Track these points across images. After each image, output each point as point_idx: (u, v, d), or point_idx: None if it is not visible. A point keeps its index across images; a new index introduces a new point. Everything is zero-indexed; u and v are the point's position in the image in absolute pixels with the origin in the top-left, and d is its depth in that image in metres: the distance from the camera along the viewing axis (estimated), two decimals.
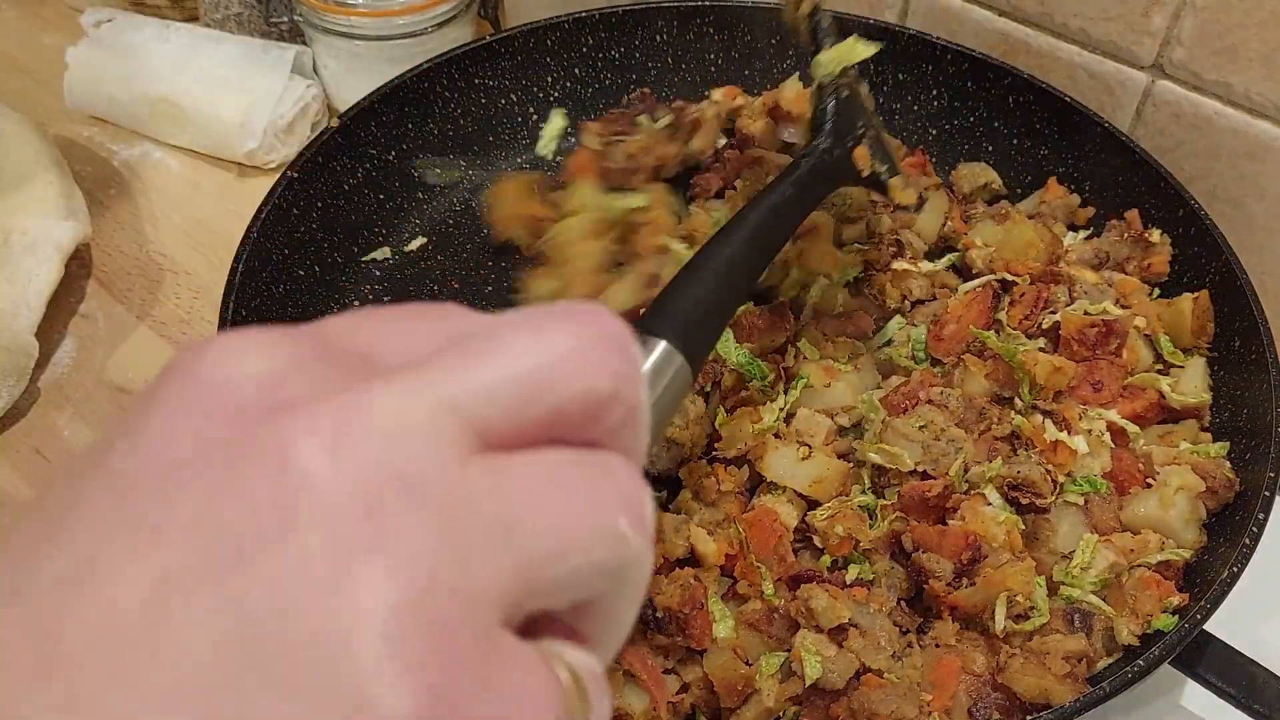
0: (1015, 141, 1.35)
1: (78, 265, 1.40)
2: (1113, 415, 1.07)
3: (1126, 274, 1.21)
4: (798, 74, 1.38)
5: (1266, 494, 0.94)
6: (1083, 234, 1.28)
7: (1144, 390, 1.09)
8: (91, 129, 1.60)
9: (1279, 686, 0.88)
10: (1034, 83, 1.31)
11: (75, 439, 1.22)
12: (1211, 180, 1.28)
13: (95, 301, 1.37)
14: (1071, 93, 1.30)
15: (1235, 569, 0.89)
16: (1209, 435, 1.07)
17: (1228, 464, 1.03)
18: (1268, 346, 1.04)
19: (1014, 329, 1.15)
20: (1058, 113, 1.30)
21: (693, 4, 1.40)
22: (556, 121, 1.41)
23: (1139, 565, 0.95)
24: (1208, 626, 0.87)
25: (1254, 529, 0.91)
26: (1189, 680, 0.91)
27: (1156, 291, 1.20)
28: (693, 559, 0.95)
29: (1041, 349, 1.14)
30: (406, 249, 1.29)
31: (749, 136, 1.37)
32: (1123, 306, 1.15)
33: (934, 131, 1.40)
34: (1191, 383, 1.09)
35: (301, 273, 1.16)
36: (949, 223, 1.27)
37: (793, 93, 1.34)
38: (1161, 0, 1.22)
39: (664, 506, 1.01)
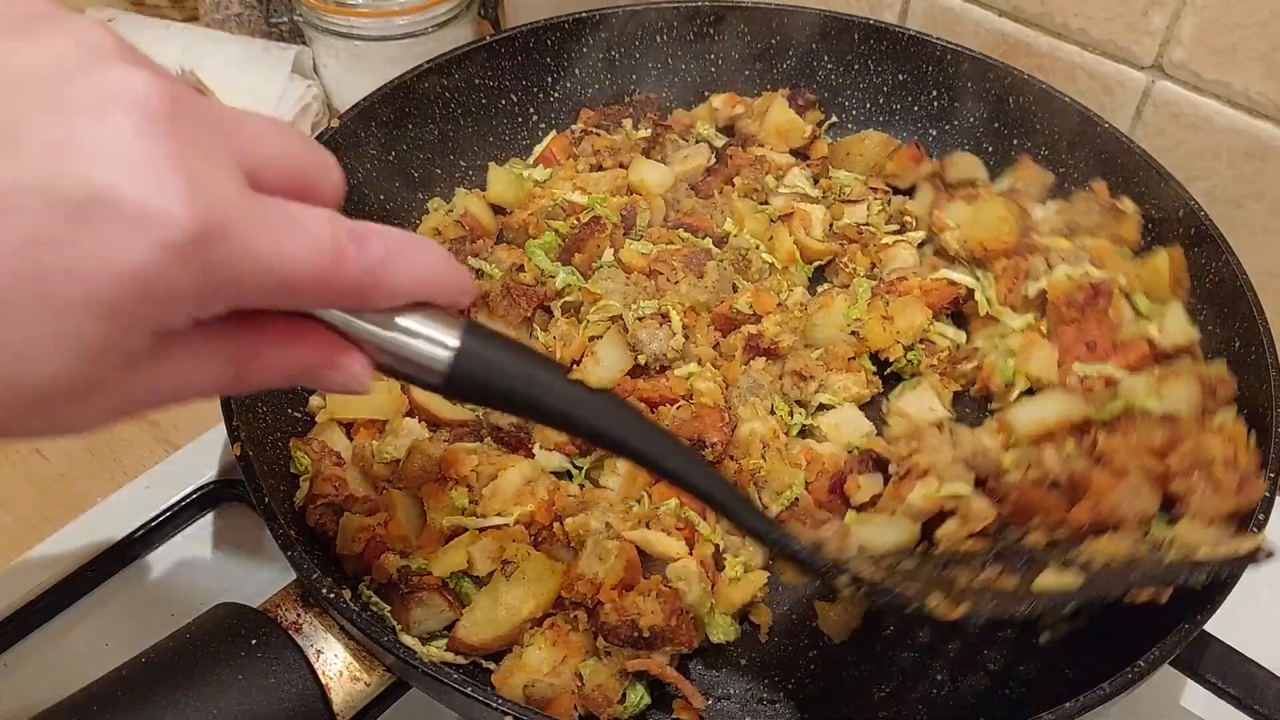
0: (1015, 142, 1.35)
1: None
2: (1110, 369, 1.11)
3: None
4: (787, 90, 1.39)
5: (1267, 495, 0.94)
6: (1053, 205, 1.30)
7: (1135, 343, 1.12)
8: None
9: (1279, 687, 0.88)
10: (1034, 83, 1.31)
11: (75, 439, 1.22)
12: (1211, 180, 1.28)
13: None
14: (1071, 93, 1.30)
15: (1235, 569, 0.89)
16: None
17: (1225, 368, 1.07)
18: (1268, 347, 1.04)
19: (1001, 304, 1.18)
20: (1058, 113, 1.30)
21: (693, 4, 1.40)
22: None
23: None
24: (1208, 627, 0.87)
25: (1254, 529, 0.91)
26: (1189, 680, 0.91)
27: (1129, 252, 1.23)
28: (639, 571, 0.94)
29: (1031, 323, 1.17)
30: None
31: (749, 136, 1.39)
32: (1097, 267, 1.18)
33: (934, 132, 1.41)
34: (1176, 324, 1.14)
35: None
36: (934, 212, 1.29)
37: (782, 117, 1.36)
38: (1161, 0, 1.22)
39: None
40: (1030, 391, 1.13)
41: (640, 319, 1.10)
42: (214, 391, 0.55)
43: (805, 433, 1.11)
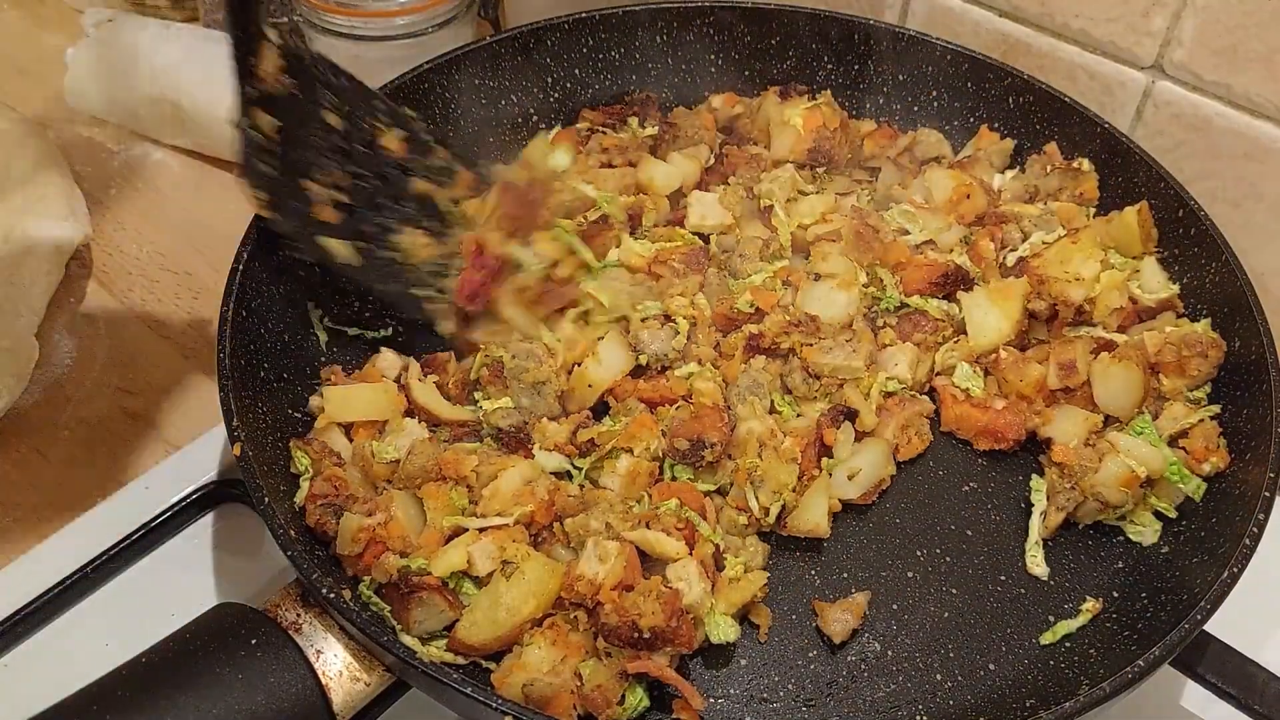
0: (1015, 142, 1.35)
1: (78, 265, 1.40)
2: (1098, 331, 1.15)
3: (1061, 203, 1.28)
4: (778, 90, 1.39)
5: (1266, 495, 0.94)
6: (1010, 173, 1.33)
7: (1120, 308, 1.15)
8: (91, 129, 1.60)
9: (1279, 687, 0.88)
10: (1034, 83, 1.31)
11: (75, 439, 1.22)
12: (1211, 180, 1.28)
13: (95, 301, 1.37)
14: (1071, 93, 1.30)
15: (1235, 569, 0.89)
16: (1186, 320, 1.15)
17: (1210, 329, 1.12)
18: (1268, 347, 1.04)
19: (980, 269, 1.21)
20: (1058, 113, 1.30)
21: (693, 4, 1.40)
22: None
23: None
24: (1208, 627, 0.87)
25: (1254, 529, 0.91)
26: (1189, 680, 0.91)
27: (1093, 211, 1.28)
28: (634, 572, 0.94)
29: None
30: None
31: (744, 136, 1.39)
32: (1066, 230, 1.22)
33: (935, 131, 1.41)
34: (1153, 279, 1.18)
35: (301, 273, 1.16)
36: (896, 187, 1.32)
37: (774, 114, 1.36)
38: (1162, 1, 1.22)
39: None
40: None
41: (644, 320, 1.11)
42: None
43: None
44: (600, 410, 1.10)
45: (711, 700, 0.93)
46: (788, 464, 1.02)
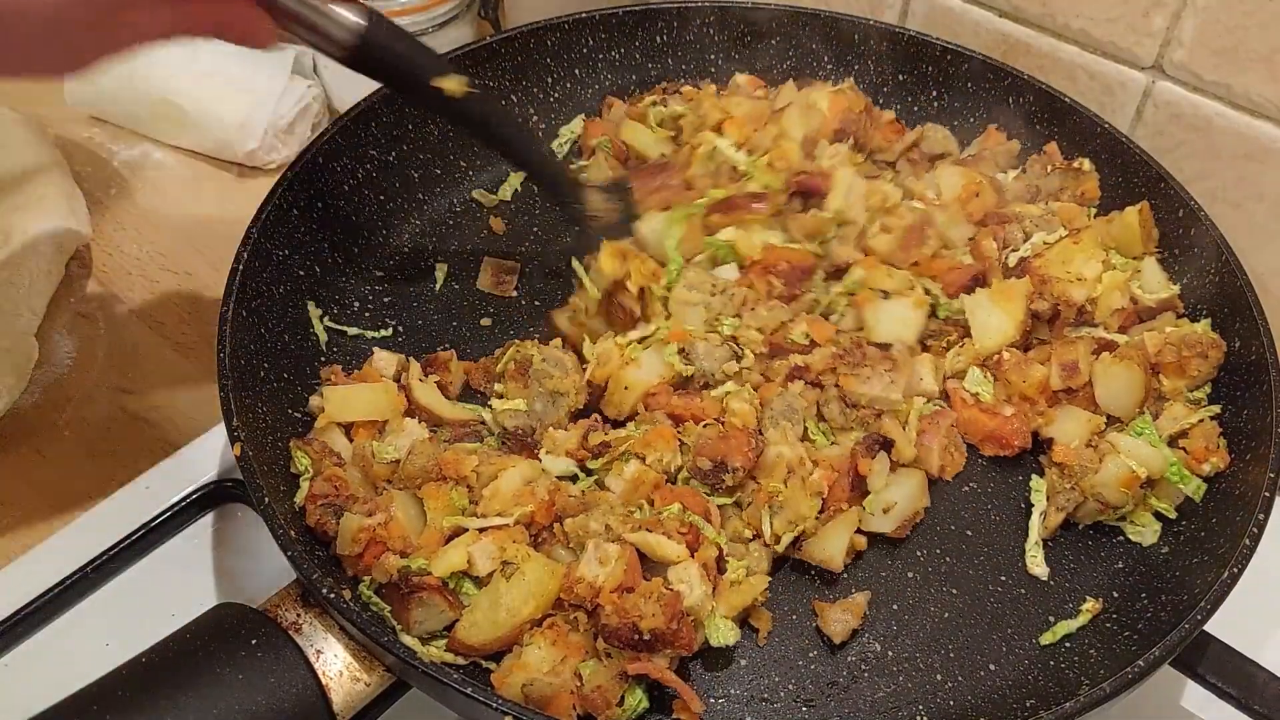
0: (1020, 144, 1.35)
1: (78, 265, 1.40)
2: (1099, 332, 1.15)
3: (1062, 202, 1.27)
4: (794, 80, 1.39)
5: (1266, 495, 0.94)
6: (1013, 173, 1.33)
7: (1121, 308, 1.15)
8: (91, 129, 1.60)
9: (1279, 687, 0.88)
10: (1034, 83, 1.31)
11: (75, 439, 1.22)
12: (1211, 180, 1.28)
13: (95, 301, 1.37)
14: (1071, 93, 1.30)
15: (1235, 569, 0.89)
16: (1186, 320, 1.15)
17: (1210, 329, 1.12)
18: (1268, 347, 1.04)
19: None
20: (1058, 113, 1.30)
21: (693, 4, 1.40)
22: (576, 125, 1.43)
23: None
24: (1208, 627, 0.87)
25: (1254, 530, 0.91)
26: (1189, 680, 0.91)
27: (1094, 211, 1.27)
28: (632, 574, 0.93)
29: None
30: (406, 248, 1.30)
31: None
32: (1068, 230, 1.22)
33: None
34: (1153, 279, 1.19)
35: (301, 273, 1.16)
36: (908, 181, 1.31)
37: (797, 98, 1.35)
38: (1162, 1, 1.22)
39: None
40: None
41: (705, 335, 1.10)
42: (167, 34, 0.85)
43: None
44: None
45: (712, 700, 0.93)
46: (812, 497, 1.00)
